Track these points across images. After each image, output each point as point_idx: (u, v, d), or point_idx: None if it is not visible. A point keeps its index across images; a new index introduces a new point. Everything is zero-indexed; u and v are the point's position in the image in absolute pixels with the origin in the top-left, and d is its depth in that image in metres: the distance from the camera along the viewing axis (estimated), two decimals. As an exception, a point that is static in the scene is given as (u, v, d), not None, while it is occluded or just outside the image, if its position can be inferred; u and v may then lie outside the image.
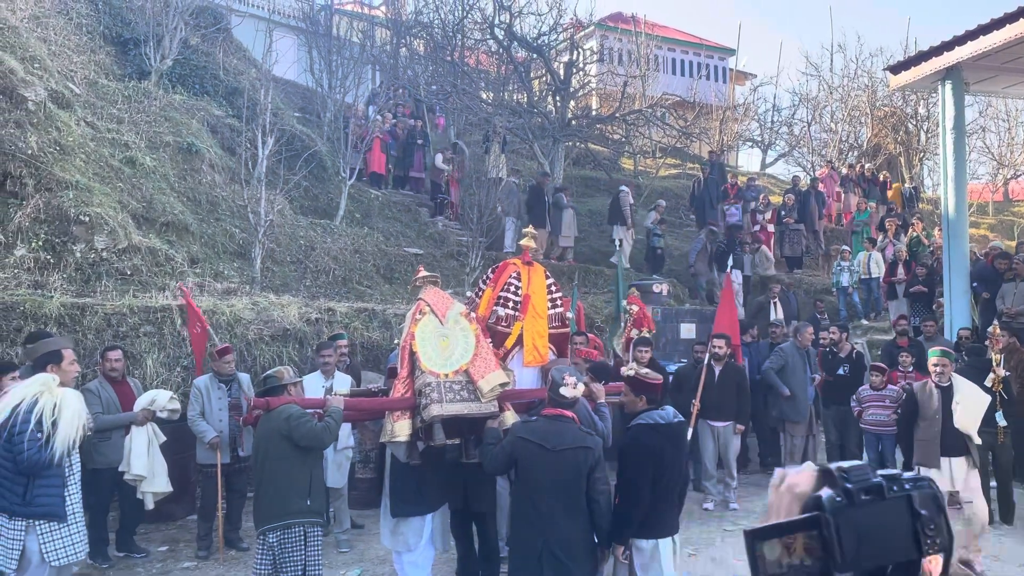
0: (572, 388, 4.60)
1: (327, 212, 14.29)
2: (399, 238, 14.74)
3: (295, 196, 13.69)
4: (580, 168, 21.44)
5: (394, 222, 15.33)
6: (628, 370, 4.86)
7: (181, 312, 8.62)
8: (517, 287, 5.95)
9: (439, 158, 16.02)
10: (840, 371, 9.46)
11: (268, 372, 5.54)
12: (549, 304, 6.09)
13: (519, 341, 5.83)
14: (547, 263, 14.57)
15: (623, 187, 16.19)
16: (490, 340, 5.66)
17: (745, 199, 17.23)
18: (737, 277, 14.38)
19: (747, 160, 32.32)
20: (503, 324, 5.86)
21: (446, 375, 5.25)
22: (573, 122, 18.10)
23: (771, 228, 16.58)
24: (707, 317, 12.54)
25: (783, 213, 16.69)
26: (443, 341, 5.38)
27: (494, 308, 5.89)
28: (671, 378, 9.11)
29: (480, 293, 6.17)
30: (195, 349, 7.66)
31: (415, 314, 5.48)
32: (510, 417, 5.31)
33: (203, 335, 7.55)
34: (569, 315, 6.43)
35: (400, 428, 5.21)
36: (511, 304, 5.90)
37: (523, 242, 6.25)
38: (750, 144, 30.78)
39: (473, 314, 5.70)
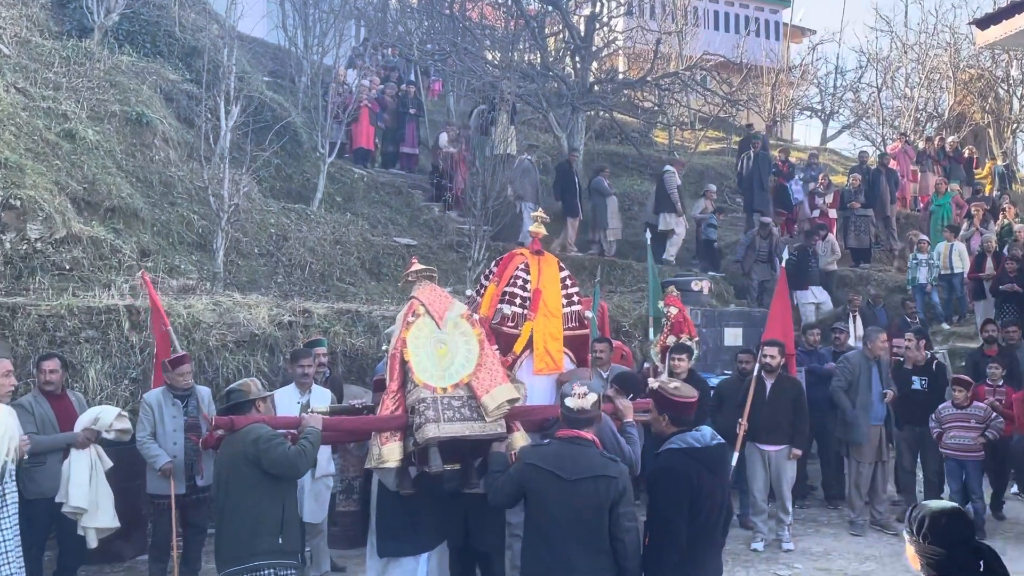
0: (578, 398, 4.58)
1: (302, 195, 14.32)
2: (388, 226, 14.75)
3: (265, 176, 13.72)
4: (604, 142, 21.40)
5: (382, 207, 15.34)
6: (656, 382, 4.85)
7: (130, 313, 8.66)
8: (525, 280, 5.94)
9: (443, 138, 15.97)
10: (916, 385, 9.42)
11: (232, 386, 5.55)
12: (564, 301, 6.07)
13: (529, 344, 5.82)
14: (579, 258, 14.57)
15: (668, 167, 15.99)
16: (496, 347, 5.65)
17: (804, 179, 17.18)
18: (819, 295, 14.18)
19: (805, 133, 32.27)
20: (509, 324, 5.85)
21: (444, 389, 5.24)
22: (596, 87, 18.08)
23: (833, 214, 16.51)
24: (756, 320, 12.52)
25: (848, 196, 16.62)
26: (440, 348, 5.38)
27: (498, 306, 5.88)
28: (712, 393, 9.10)
29: (482, 291, 6.16)
30: (159, 355, 7.65)
31: (407, 316, 5.48)
32: (520, 439, 5.31)
33: (166, 338, 7.55)
34: (588, 314, 6.43)
35: (389, 452, 5.21)
36: (518, 300, 5.88)
37: (532, 228, 6.24)
38: (808, 113, 30.67)
39: (476, 316, 5.70)
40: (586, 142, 18.35)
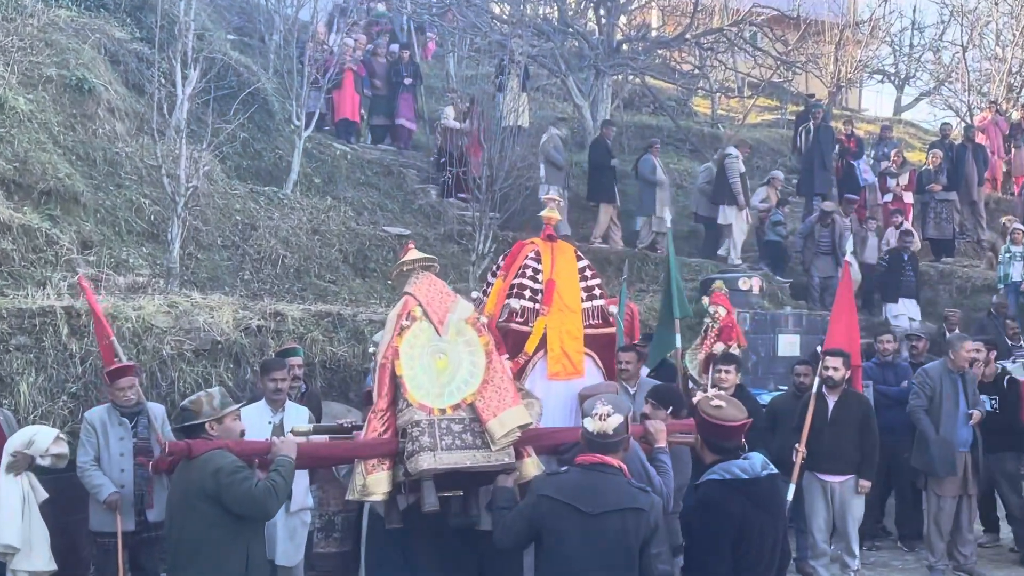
0: (599, 420, 4.57)
1: (274, 176, 14.33)
2: (376, 212, 14.75)
3: (229, 153, 13.73)
4: (634, 112, 21.37)
5: (369, 190, 15.34)
6: (699, 395, 4.86)
7: (68, 316, 8.67)
8: (536, 270, 5.95)
9: (448, 112, 15.91)
10: (986, 406, 9.37)
11: (185, 402, 5.54)
12: (584, 294, 6.07)
13: (542, 344, 5.80)
14: (603, 250, 14.53)
15: (731, 149, 15.81)
16: (507, 355, 5.63)
17: (874, 157, 17.11)
18: (911, 309, 13.91)
19: (875, 101, 32.15)
20: (518, 320, 5.83)
21: (442, 411, 5.23)
22: (624, 47, 18.06)
23: (909, 199, 16.45)
24: (816, 326, 12.47)
25: (927, 177, 16.55)
26: (439, 360, 5.35)
27: (506, 301, 5.87)
28: (764, 412, 9.08)
29: (489, 288, 6.17)
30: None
31: (401, 317, 5.44)
32: (531, 466, 5.29)
33: (111, 349, 7.56)
34: (613, 309, 6.44)
35: (375, 483, 5.18)
36: (528, 293, 5.88)
37: (544, 213, 6.26)
38: (879, 78, 30.55)
39: (483, 319, 5.67)
40: (612, 112, 18.32)
